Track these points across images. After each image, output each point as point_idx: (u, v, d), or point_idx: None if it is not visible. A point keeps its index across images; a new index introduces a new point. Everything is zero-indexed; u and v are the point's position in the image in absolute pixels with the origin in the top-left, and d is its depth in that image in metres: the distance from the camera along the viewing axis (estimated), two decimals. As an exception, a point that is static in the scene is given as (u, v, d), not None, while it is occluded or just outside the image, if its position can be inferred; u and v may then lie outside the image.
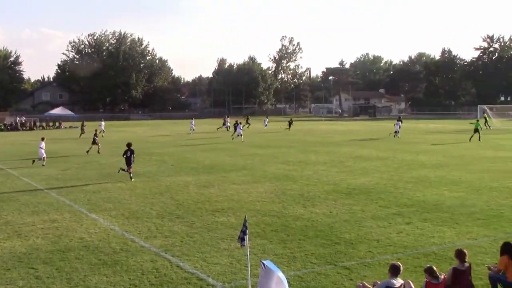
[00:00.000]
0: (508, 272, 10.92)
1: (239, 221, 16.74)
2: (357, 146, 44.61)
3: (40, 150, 34.27)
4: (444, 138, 54.13)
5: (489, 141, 49.27)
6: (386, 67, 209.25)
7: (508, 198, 21.23)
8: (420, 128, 75.23)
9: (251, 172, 29.63)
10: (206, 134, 65.38)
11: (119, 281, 12.11)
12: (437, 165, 31.60)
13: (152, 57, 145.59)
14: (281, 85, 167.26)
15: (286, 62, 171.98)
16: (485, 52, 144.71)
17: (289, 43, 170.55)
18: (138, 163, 34.00)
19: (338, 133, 63.10)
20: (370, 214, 18.52)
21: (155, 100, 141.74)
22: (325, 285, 11.75)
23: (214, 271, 12.67)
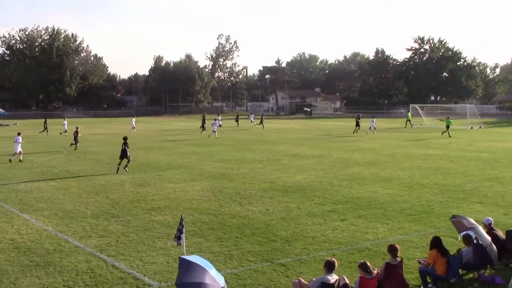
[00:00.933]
0: (437, 265, 11.31)
1: (176, 220, 16.69)
2: (293, 144, 45.07)
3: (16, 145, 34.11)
4: (378, 136, 55.34)
5: (419, 139, 50.71)
6: (322, 66, 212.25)
7: (437, 194, 21.95)
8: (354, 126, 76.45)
9: (188, 170, 29.51)
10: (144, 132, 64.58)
11: (52, 282, 11.85)
12: (370, 163, 32.31)
13: (86, 54, 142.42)
14: (218, 84, 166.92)
15: (223, 61, 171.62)
16: (416, 52, 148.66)
17: (226, 41, 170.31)
18: (72, 162, 33.36)
19: (275, 131, 63.53)
20: (306, 212, 18.77)
21: (90, 97, 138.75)
22: (261, 282, 11.85)
23: (150, 270, 12.58)
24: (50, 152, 39.81)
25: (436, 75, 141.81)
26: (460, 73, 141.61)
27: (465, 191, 22.64)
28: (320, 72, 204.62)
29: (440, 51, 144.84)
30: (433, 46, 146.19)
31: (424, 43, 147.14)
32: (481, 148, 41.12)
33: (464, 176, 26.84)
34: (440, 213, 18.32)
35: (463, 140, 49.38)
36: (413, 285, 11.47)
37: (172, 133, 63.80)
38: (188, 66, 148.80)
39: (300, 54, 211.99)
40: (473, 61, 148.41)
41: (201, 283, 8.02)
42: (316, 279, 10.28)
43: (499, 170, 28.85)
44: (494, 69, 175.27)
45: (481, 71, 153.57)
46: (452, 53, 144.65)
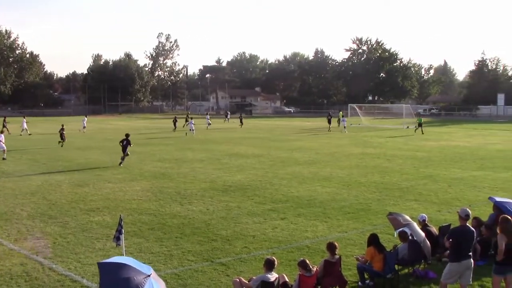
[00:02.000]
0: (374, 262, 11.58)
1: (115, 220, 16.44)
2: (234, 144, 45.15)
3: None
4: (317, 136, 56.09)
5: (357, 139, 51.67)
6: (262, 66, 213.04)
7: (375, 192, 22.44)
8: (294, 125, 77.38)
9: (128, 170, 29.16)
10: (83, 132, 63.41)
11: (-14, 286, 11.51)
12: (310, 161, 32.71)
13: (22, 51, 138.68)
14: (158, 83, 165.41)
15: (163, 59, 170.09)
16: (355, 53, 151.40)
17: (166, 40, 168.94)
18: (7, 162, 32.46)
19: (215, 131, 63.47)
20: (246, 211, 18.86)
21: (25, 96, 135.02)
22: (202, 281, 11.85)
23: (89, 272, 12.38)
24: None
25: (373, 75, 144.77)
26: (397, 74, 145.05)
27: (401, 189, 23.24)
28: (261, 71, 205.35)
29: (377, 52, 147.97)
30: (370, 47, 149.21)
31: (362, 44, 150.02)
32: (416, 147, 42.24)
33: (400, 174, 27.53)
34: (377, 211, 18.74)
35: (399, 139, 50.60)
36: (351, 281, 11.71)
37: (111, 132, 62.84)
38: (127, 65, 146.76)
39: (240, 54, 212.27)
40: (408, 62, 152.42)
41: (125, 279, 7.87)
42: (256, 278, 10.35)
43: (433, 168, 29.71)
44: (429, 70, 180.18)
45: (416, 72, 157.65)
46: (389, 54, 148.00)
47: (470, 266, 10.30)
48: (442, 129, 68.11)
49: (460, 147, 42.02)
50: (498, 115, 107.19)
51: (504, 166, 30.54)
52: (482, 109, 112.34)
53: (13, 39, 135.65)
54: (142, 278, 7.87)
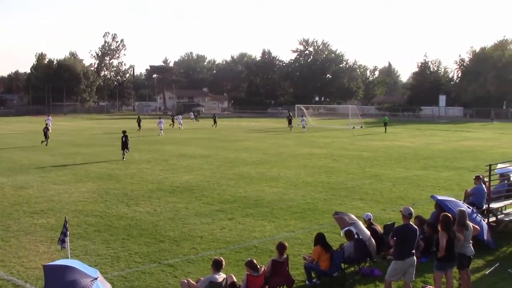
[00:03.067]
0: (320, 261, 11.74)
1: (60, 223, 16.16)
2: (181, 144, 44.93)
3: None
4: (265, 136, 56.34)
5: (304, 139, 52.15)
6: (209, 66, 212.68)
7: (321, 192, 22.71)
8: (242, 126, 77.52)
9: (73, 171, 28.67)
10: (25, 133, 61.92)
11: None
12: (257, 162, 32.85)
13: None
14: (104, 83, 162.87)
15: (109, 59, 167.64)
16: (301, 54, 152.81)
17: (113, 39, 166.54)
18: None
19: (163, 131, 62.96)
20: (194, 211, 18.82)
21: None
22: (149, 283, 11.77)
23: (32, 276, 12.14)
24: None
25: (320, 76, 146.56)
26: (343, 75, 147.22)
27: (347, 188, 23.59)
28: (208, 72, 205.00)
29: (324, 53, 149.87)
30: (317, 48, 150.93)
31: (309, 45, 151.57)
32: (362, 147, 42.93)
33: (346, 174, 27.94)
34: (324, 210, 18.98)
35: (345, 140, 51.30)
36: (298, 280, 11.84)
37: (55, 133, 61.55)
38: (72, 64, 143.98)
39: (187, 54, 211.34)
40: (354, 63, 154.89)
41: (71, 282, 7.77)
42: (204, 279, 10.36)
43: (378, 168, 30.27)
44: (374, 72, 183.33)
45: (361, 73, 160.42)
46: (335, 55, 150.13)
47: (414, 264, 10.57)
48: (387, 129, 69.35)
49: (404, 147, 42.92)
50: (440, 115, 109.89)
51: (445, 165, 31.37)
52: (425, 110, 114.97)
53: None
54: (88, 281, 7.79)
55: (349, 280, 12.14)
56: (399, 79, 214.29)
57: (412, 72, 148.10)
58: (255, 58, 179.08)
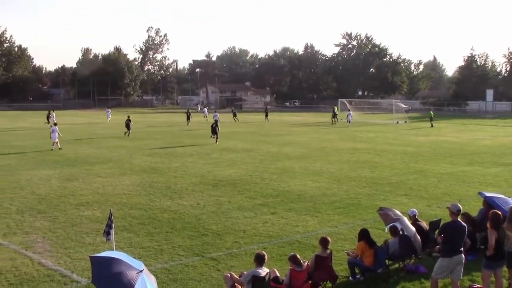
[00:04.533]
0: (364, 256, 11.59)
1: (105, 215, 16.37)
2: (224, 138, 45.04)
3: (53, 134, 36.73)
4: (307, 130, 56.11)
5: (347, 133, 51.74)
6: (252, 61, 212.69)
7: (365, 187, 22.47)
8: (284, 120, 77.36)
9: (117, 164, 29.05)
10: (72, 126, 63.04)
11: (-26, 282, 11.43)
12: (300, 156, 32.71)
13: (10, 45, 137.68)
14: (148, 77, 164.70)
15: (153, 54, 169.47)
16: (345, 48, 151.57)
17: (156, 34, 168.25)
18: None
19: (205, 125, 63.29)
20: (236, 205, 18.83)
21: (14, 90, 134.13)
22: (192, 276, 11.81)
23: (78, 267, 12.32)
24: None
25: (363, 70, 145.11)
26: (386, 69, 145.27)
27: (391, 184, 23.28)
28: (251, 66, 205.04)
29: (367, 47, 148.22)
30: (360, 42, 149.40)
31: (352, 39, 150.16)
32: (406, 142, 42.35)
33: (390, 169, 27.58)
34: (368, 206, 18.77)
35: (389, 135, 50.69)
36: (342, 276, 11.71)
37: (101, 126, 62.61)
38: (117, 59, 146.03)
39: (230, 48, 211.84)
40: (398, 57, 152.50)
41: (117, 273, 7.84)
42: (247, 273, 10.33)
43: (422, 163, 29.80)
44: (418, 66, 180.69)
45: (406, 67, 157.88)
46: (378, 49, 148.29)
47: (461, 261, 10.33)
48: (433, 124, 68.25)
49: (449, 142, 42.16)
50: (487, 110, 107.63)
51: (493, 161, 30.68)
52: (471, 105, 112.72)
53: (1, 32, 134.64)
54: (134, 274, 7.84)
55: (394, 277, 11.95)
56: (444, 73, 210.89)
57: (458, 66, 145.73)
58: (297, 52, 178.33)
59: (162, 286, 11.08)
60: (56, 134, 36.81)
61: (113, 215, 11.36)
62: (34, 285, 11.30)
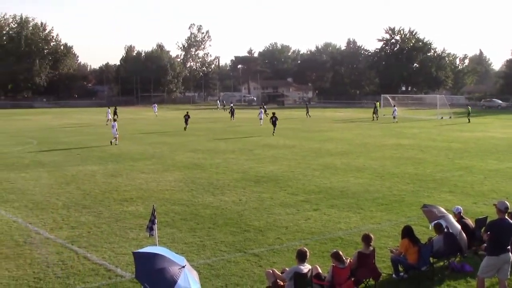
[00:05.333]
0: (408, 254, 11.43)
1: (148, 211, 16.53)
2: (265, 134, 45.08)
3: (113, 130, 38.17)
4: (350, 126, 55.70)
5: (390, 129, 51.15)
6: (294, 57, 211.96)
7: (408, 183, 22.16)
8: (326, 116, 76.97)
9: (160, 160, 29.35)
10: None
11: (23, 275, 11.70)
12: (342, 152, 32.48)
13: (56, 43, 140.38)
14: (190, 73, 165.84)
15: (195, 50, 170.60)
16: (387, 43, 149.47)
17: (198, 31, 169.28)
18: (43, 153, 32.95)
19: (246, 121, 63.49)
20: (278, 202, 18.81)
21: (60, 87, 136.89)
22: (234, 272, 11.85)
23: (122, 262, 12.49)
24: (21, 143, 39.24)
25: (407, 65, 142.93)
26: (430, 64, 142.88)
27: (435, 180, 22.91)
28: (292, 62, 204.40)
29: (410, 42, 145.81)
30: (403, 37, 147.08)
31: (395, 33, 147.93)
32: (451, 138, 41.63)
33: (434, 165, 27.15)
34: (411, 202, 18.52)
35: (433, 130, 49.93)
36: (385, 273, 11.59)
37: (144, 122, 63.36)
38: (159, 56, 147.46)
39: (272, 44, 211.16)
40: (443, 52, 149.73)
41: (160, 269, 7.92)
42: (290, 269, 10.30)
43: (468, 159, 29.24)
44: (463, 60, 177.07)
45: (450, 61, 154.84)
46: (422, 44, 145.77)
47: (509, 260, 10.06)
48: (478, 119, 66.95)
49: (496, 138, 41.28)
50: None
51: (541, 157, 29.88)
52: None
53: (48, 31, 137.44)
54: (177, 269, 7.91)
55: (438, 275, 11.76)
56: (491, 67, 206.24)
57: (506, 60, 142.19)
58: (340, 47, 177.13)
59: (205, 281, 11.14)
60: (115, 129, 38.13)
61: (156, 210, 11.48)
62: (80, 278, 11.51)
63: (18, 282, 11.33)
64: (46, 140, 41.24)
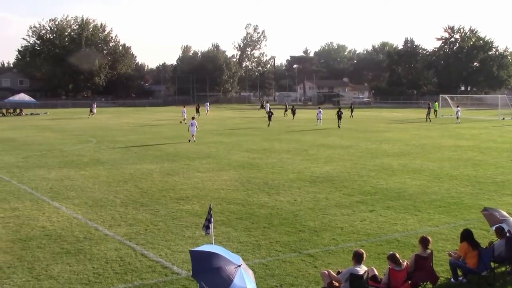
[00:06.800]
0: (467, 258, 11.15)
1: (204, 209, 16.72)
2: (321, 135, 44.88)
3: (191, 128, 39.77)
4: (407, 127, 54.85)
5: (449, 130, 50.10)
6: (350, 56, 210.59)
7: (467, 186, 21.65)
8: (383, 117, 76.06)
9: (216, 160, 29.57)
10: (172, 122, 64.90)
11: (83, 270, 11.99)
12: (399, 153, 32.01)
13: (115, 44, 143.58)
14: (246, 73, 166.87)
15: (250, 50, 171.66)
16: (446, 42, 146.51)
17: (254, 31, 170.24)
18: (102, 151, 33.68)
19: (303, 121, 63.33)
20: (334, 202, 18.68)
21: (118, 87, 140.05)
22: (289, 272, 11.82)
23: (179, 259, 12.64)
24: (80, 142, 40.26)
25: (466, 64, 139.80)
26: (492, 63, 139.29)
27: (496, 183, 22.30)
28: (348, 61, 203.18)
29: (471, 41, 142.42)
30: (463, 35, 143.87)
31: (455, 32, 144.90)
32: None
33: (495, 167, 26.43)
34: (471, 205, 18.08)
35: (494, 131, 48.65)
36: (443, 277, 11.35)
37: (200, 122, 63.93)
38: (215, 56, 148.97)
39: (328, 44, 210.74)
40: (505, 50, 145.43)
41: (217, 268, 7.97)
42: (345, 270, 10.21)
43: (531, 161, 28.35)
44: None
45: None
46: (483, 42, 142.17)
47: None
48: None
49: (560, 140, 39.88)
50: None
51: None
52: None
53: (107, 32, 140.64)
54: (233, 268, 7.95)
55: (500, 281, 11.43)
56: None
57: None
58: (397, 47, 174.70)
59: (260, 281, 11.16)
60: (194, 127, 39.46)
61: (212, 209, 11.57)
62: (137, 275, 11.71)
63: (78, 276, 11.61)
64: (104, 138, 42.18)
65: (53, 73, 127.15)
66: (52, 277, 11.55)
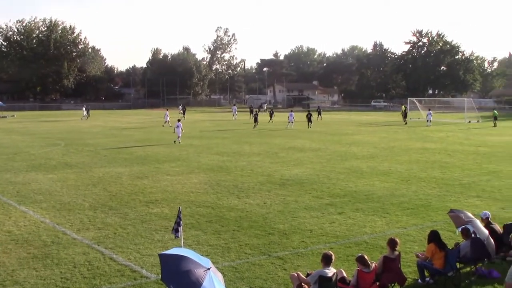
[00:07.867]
0: (434, 259, 11.31)
1: (173, 212, 16.64)
2: (291, 137, 45.04)
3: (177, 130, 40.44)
4: (375, 130, 55.38)
5: (417, 133, 50.73)
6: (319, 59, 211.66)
7: (435, 188, 21.95)
8: (352, 119, 76.65)
9: (185, 163, 29.47)
10: (141, 125, 64.48)
11: (50, 275, 11.83)
12: (368, 156, 32.30)
13: (84, 46, 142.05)
14: (216, 76, 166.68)
15: (221, 53, 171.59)
16: (415, 46, 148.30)
17: (224, 34, 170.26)
18: (70, 154, 33.30)
19: (271, 124, 63.43)
20: (303, 205, 18.76)
21: (87, 89, 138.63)
22: (259, 275, 11.84)
23: (148, 263, 12.57)
24: (48, 144, 39.75)
25: (434, 68, 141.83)
26: (458, 67, 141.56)
27: (462, 185, 22.65)
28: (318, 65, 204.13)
29: (438, 45, 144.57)
30: (431, 39, 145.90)
31: (423, 36, 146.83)
32: (479, 142, 41.13)
33: (461, 170, 26.85)
34: (438, 207, 18.33)
35: (460, 134, 49.40)
36: (411, 278, 11.48)
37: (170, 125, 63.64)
38: (186, 59, 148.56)
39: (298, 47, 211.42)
40: (471, 54, 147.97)
41: (186, 271, 7.95)
42: (314, 273, 10.27)
43: (496, 164, 28.86)
44: (492, 63, 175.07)
45: (479, 64, 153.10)
46: (450, 46, 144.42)
47: (538, 266, 9.89)
48: (506, 123, 66.12)
49: (524, 143, 40.66)
50: None
51: None
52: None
53: (76, 34, 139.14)
54: (202, 271, 7.94)
55: (465, 281, 11.62)
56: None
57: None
58: (366, 50, 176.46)
59: (229, 284, 11.16)
60: (179, 129, 40.46)
61: (181, 212, 11.53)
62: (106, 279, 11.61)
63: (45, 281, 11.46)
64: (73, 141, 41.71)
65: (20, 75, 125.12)
66: (18, 283, 11.38)
